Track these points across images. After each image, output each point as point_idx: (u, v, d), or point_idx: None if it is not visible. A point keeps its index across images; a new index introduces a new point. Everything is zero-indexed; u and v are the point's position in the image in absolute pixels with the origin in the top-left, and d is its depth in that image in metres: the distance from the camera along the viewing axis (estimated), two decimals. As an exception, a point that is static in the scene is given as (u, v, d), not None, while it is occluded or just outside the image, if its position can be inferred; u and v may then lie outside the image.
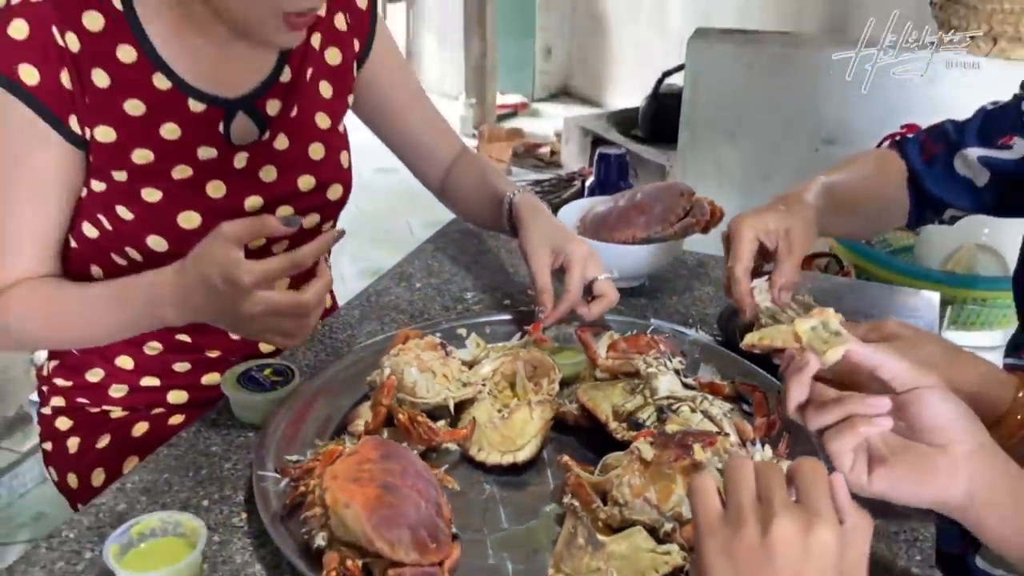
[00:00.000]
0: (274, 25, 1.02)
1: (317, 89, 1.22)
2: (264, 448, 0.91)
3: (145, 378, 1.21)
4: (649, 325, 1.13)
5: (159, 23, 1.06)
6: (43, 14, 0.99)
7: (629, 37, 4.91)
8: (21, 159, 1.03)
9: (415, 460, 0.85)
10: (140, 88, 1.06)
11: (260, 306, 0.89)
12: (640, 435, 0.89)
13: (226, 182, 1.11)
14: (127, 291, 1.02)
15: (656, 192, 1.33)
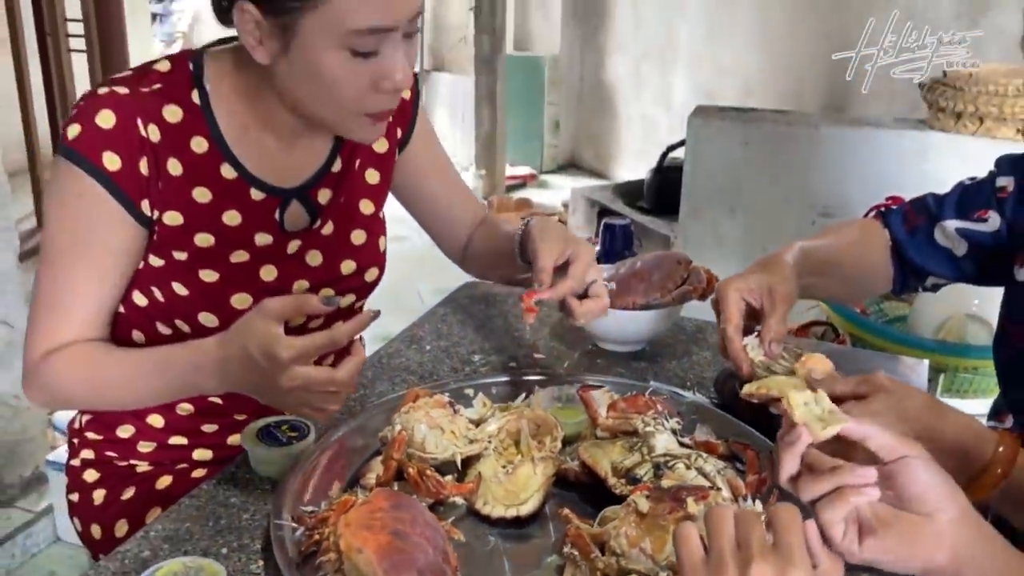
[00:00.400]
0: (357, 123, 1.07)
1: (364, 177, 1.24)
2: (281, 499, 0.92)
3: (174, 437, 1.22)
4: (648, 387, 1.14)
5: (230, 117, 1.10)
6: (129, 106, 1.04)
7: (635, 112, 4.99)
8: (91, 234, 1.06)
9: (424, 511, 0.87)
10: (208, 177, 1.10)
11: (296, 381, 0.90)
12: (637, 489, 0.91)
13: (278, 267, 1.14)
14: (168, 359, 1.04)
15: (655, 261, 1.36)
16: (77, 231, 1.06)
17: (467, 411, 1.08)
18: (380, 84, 1.02)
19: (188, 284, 1.11)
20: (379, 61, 1.01)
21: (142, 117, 1.04)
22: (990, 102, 2.37)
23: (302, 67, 1.01)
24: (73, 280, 1.07)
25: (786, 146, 2.69)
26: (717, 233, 2.74)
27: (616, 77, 5.07)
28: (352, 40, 0.98)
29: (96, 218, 1.05)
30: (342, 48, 0.98)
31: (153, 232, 1.08)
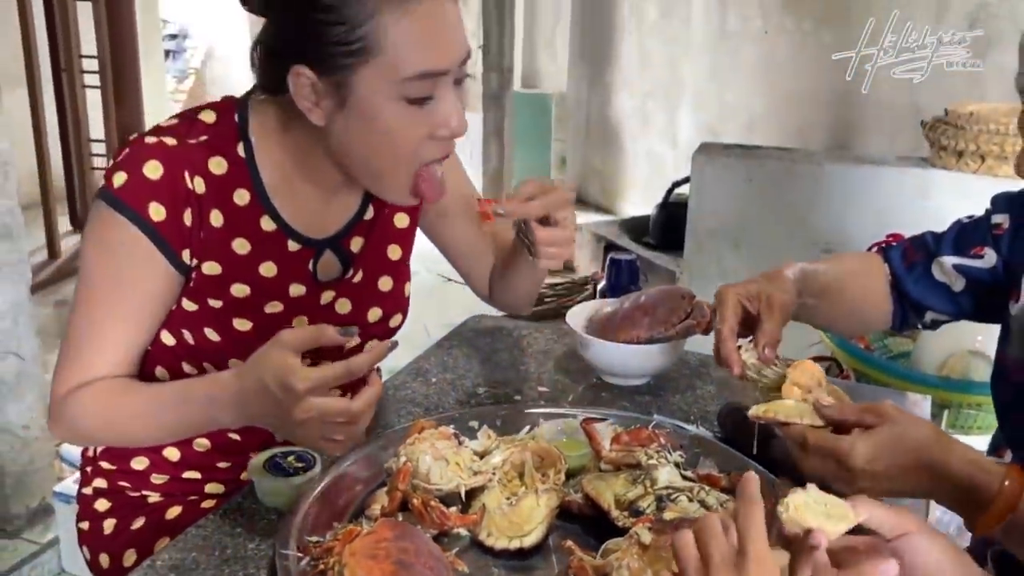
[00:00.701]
0: (404, 183, 1.07)
1: (393, 221, 1.25)
2: (287, 529, 0.92)
3: (188, 471, 1.22)
4: (652, 420, 1.14)
5: (273, 170, 1.11)
6: (176, 157, 1.05)
7: (640, 149, 5.02)
8: (129, 280, 1.07)
9: (428, 542, 0.88)
10: (248, 229, 1.11)
11: (311, 412, 0.90)
12: (639, 521, 0.92)
13: (310, 317, 1.15)
14: (186, 393, 1.05)
15: (659, 295, 1.36)
16: (116, 276, 1.07)
17: (472, 443, 1.08)
18: (437, 132, 1.03)
19: (221, 331, 1.12)
20: (434, 108, 1.02)
21: (189, 169, 1.05)
22: (991, 140, 2.38)
23: (359, 122, 1.02)
24: (106, 322, 1.08)
25: (789, 183, 2.71)
26: (721, 268, 2.75)
27: (622, 114, 5.10)
28: (406, 88, 0.99)
29: (136, 265, 1.06)
30: (397, 98, 1.00)
31: (190, 279, 1.09)
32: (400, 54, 0.97)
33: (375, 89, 0.99)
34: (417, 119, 1.02)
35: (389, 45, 0.97)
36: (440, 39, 1.01)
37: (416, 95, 1.00)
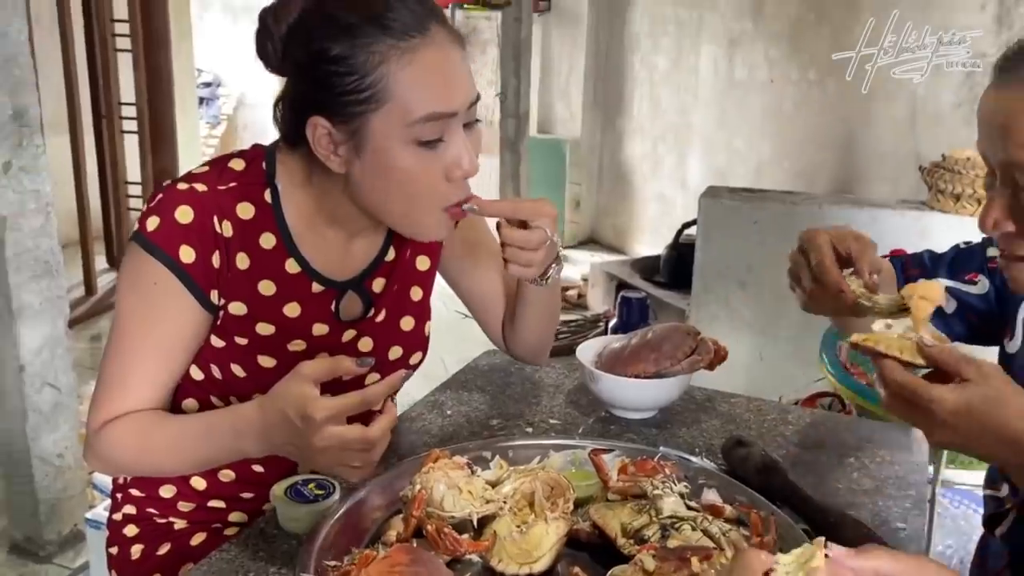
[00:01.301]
0: (434, 219, 1.07)
1: (415, 264, 1.25)
2: (307, 554, 0.93)
3: (213, 500, 1.21)
4: (657, 452, 1.13)
5: (298, 215, 1.12)
6: (206, 203, 1.06)
7: (651, 192, 5.04)
8: (160, 318, 1.08)
9: (441, 567, 0.88)
10: (273, 271, 1.11)
11: (330, 440, 0.90)
12: (644, 548, 0.91)
13: (332, 355, 1.11)
14: (212, 427, 1.06)
15: (665, 332, 1.37)
16: (148, 315, 1.08)
17: (484, 472, 1.08)
18: (451, 173, 1.03)
19: (246, 367, 1.12)
20: (445, 149, 1.02)
21: (217, 214, 1.06)
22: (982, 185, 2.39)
23: (375, 167, 1.03)
24: (138, 358, 1.09)
25: (792, 225, 2.65)
26: (729, 307, 2.76)
27: (634, 159, 5.13)
28: (417, 131, 1.00)
29: (167, 305, 1.07)
30: (409, 141, 1.00)
31: (218, 317, 1.10)
32: (408, 98, 0.98)
33: (388, 134, 1.00)
34: (430, 161, 1.02)
35: (397, 91, 0.98)
36: (445, 82, 1.02)
37: (427, 137, 1.01)
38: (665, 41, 4.73)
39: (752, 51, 4.33)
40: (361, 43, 0.98)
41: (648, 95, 4.93)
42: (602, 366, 1.34)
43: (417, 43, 0.99)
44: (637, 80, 4.95)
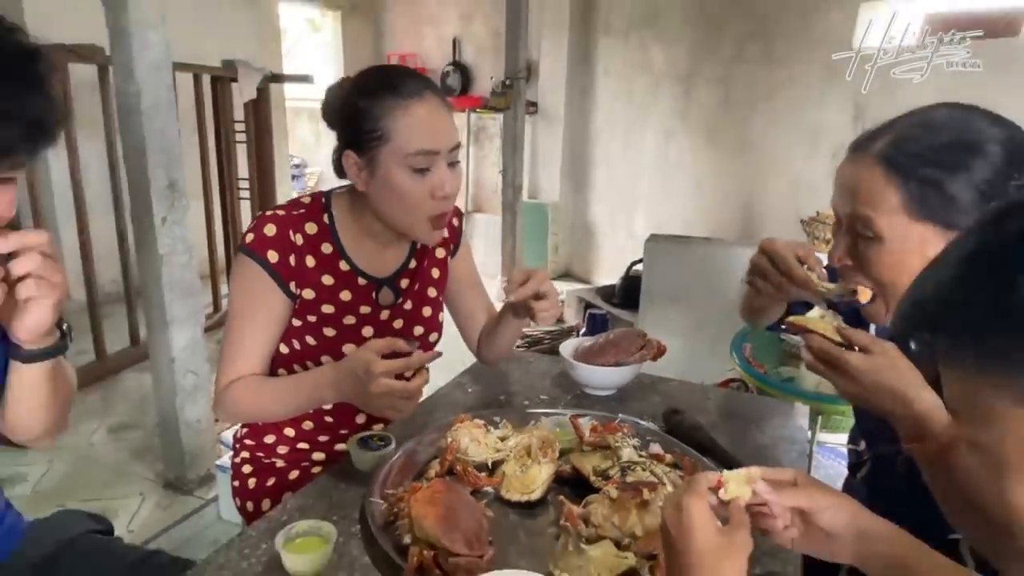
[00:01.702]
0: (423, 227, 1.08)
1: (430, 273, 1.25)
2: (372, 485, 0.94)
3: (300, 443, 1.22)
4: (617, 417, 1.14)
5: (346, 231, 1.14)
6: (284, 221, 1.09)
7: (609, 239, 5.03)
8: (259, 304, 1.09)
9: (466, 495, 0.89)
10: (332, 269, 1.12)
11: (382, 388, 0.92)
12: (609, 483, 0.92)
13: (374, 328, 1.16)
14: (300, 382, 1.07)
15: (622, 334, 1.37)
16: (250, 301, 1.09)
17: (496, 431, 1.09)
18: (435, 193, 1.05)
19: (316, 337, 1.13)
20: (431, 176, 1.04)
21: (292, 229, 1.09)
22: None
23: (382, 185, 1.05)
24: (247, 334, 1.10)
25: (711, 262, 2.71)
26: (666, 318, 2.75)
27: (596, 216, 5.11)
28: (410, 161, 1.02)
29: (262, 293, 1.08)
30: (405, 167, 1.03)
31: (296, 303, 1.11)
32: (404, 138, 1.01)
33: (391, 163, 1.03)
34: (419, 184, 1.04)
35: (397, 133, 1.01)
36: (430, 129, 1.03)
37: (418, 166, 1.03)
38: (618, 133, 4.76)
39: (681, 141, 4.36)
40: (377, 101, 1.02)
41: (606, 171, 4.95)
42: (578, 358, 1.34)
43: (414, 102, 1.02)
44: (598, 161, 4.97)
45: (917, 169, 0.80)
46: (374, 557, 0.84)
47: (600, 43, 4.69)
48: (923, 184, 0.80)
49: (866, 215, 0.83)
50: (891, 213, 0.81)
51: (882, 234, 0.82)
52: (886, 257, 0.83)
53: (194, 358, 2.13)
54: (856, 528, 0.68)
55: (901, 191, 0.81)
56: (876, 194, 0.82)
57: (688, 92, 4.25)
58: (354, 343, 1.13)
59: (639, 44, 4.46)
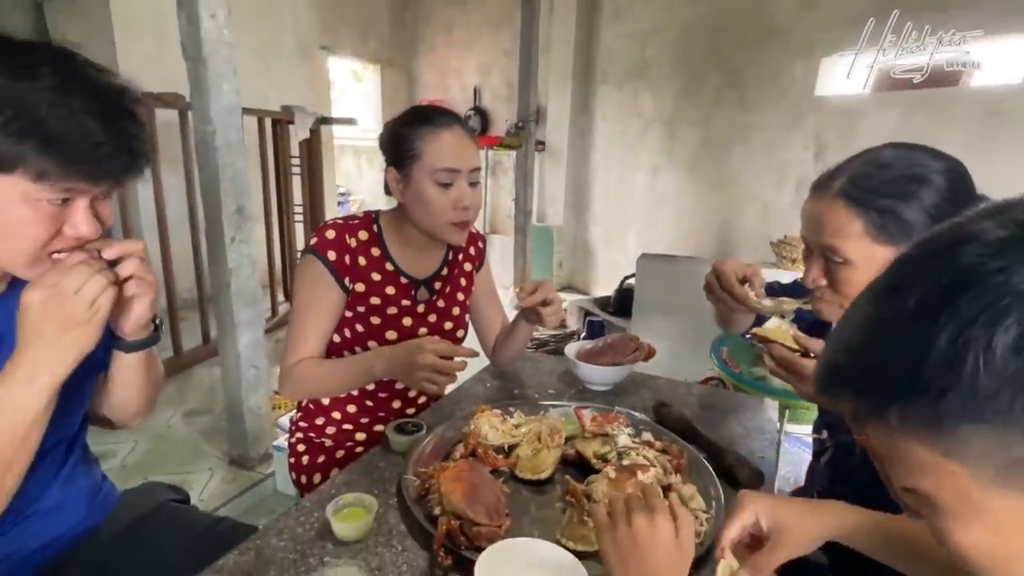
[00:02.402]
0: (448, 230, 1.10)
1: (459, 280, 1.26)
2: (407, 464, 0.94)
3: (346, 425, 1.22)
4: (614, 409, 1.13)
5: (391, 237, 1.16)
6: (342, 228, 1.12)
7: (604, 257, 5.01)
8: (320, 295, 1.10)
9: (487, 473, 0.89)
10: (379, 268, 1.14)
11: (426, 360, 0.94)
12: (608, 465, 0.92)
13: (412, 318, 1.17)
14: (353, 360, 1.09)
15: (618, 338, 1.37)
16: (313, 293, 1.10)
17: (511, 419, 1.09)
18: (457, 204, 1.07)
19: (364, 325, 1.14)
20: (454, 191, 1.07)
21: (348, 234, 1.11)
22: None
23: (414, 195, 1.08)
24: (309, 321, 1.11)
25: (692, 277, 2.63)
26: (655, 325, 2.74)
27: (594, 238, 5.09)
28: (436, 176, 1.05)
29: (323, 286, 1.10)
30: (432, 182, 1.06)
31: (349, 295, 1.12)
32: (431, 158, 1.04)
33: (421, 178, 1.06)
34: (444, 195, 1.06)
35: (427, 152, 1.05)
36: (454, 152, 1.06)
37: (442, 182, 1.05)
38: (613, 168, 4.75)
39: (667, 175, 4.36)
40: (413, 128, 1.06)
41: (603, 200, 4.94)
42: (580, 358, 1.34)
43: (443, 129, 1.05)
44: (596, 191, 4.96)
45: (875, 200, 0.80)
46: (409, 525, 0.84)
47: (598, 92, 4.70)
48: (881, 213, 0.79)
49: (833, 244, 0.83)
50: (856, 239, 0.81)
51: (850, 258, 0.82)
52: (855, 277, 0.82)
53: (256, 355, 2.13)
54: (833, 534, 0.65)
55: (862, 220, 0.80)
56: (841, 225, 0.81)
57: (673, 133, 4.25)
58: (395, 330, 1.15)
59: (631, 92, 4.47)
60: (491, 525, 0.77)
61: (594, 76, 4.71)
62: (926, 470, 0.37)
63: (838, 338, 0.41)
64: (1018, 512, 0.35)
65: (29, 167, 0.60)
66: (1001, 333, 0.32)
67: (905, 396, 0.36)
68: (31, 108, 0.58)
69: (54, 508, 0.82)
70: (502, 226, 5.54)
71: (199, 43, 1.79)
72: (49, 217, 0.63)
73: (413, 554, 0.79)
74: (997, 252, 0.34)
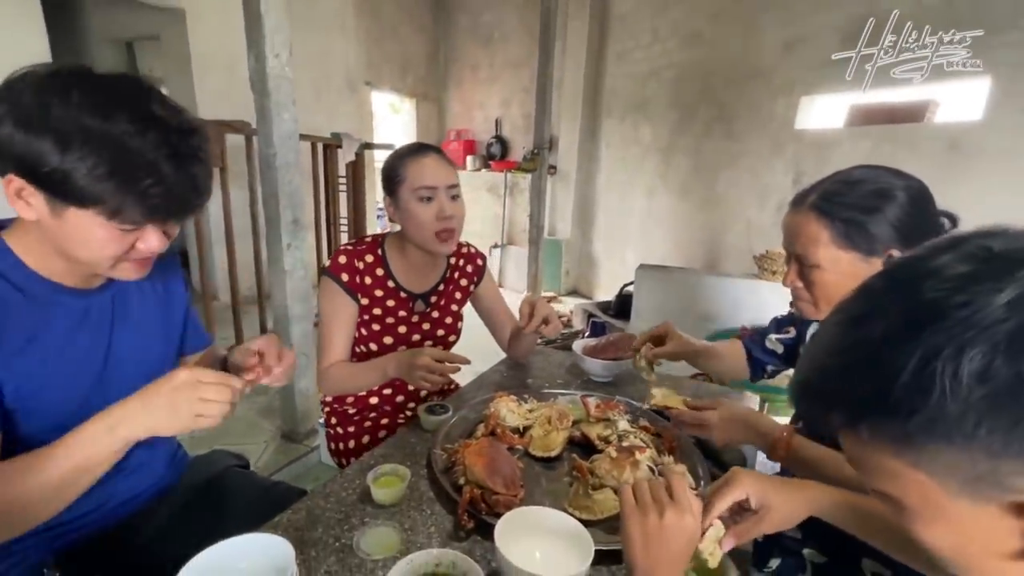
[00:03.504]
0: (433, 241, 1.09)
1: (454, 295, 1.25)
2: (436, 440, 0.95)
3: (371, 412, 1.22)
4: (615, 398, 1.13)
5: (394, 257, 1.17)
6: (351, 253, 1.13)
7: (607, 266, 4.98)
8: (340, 310, 1.12)
9: (504, 450, 0.89)
10: (382, 285, 1.15)
11: (424, 362, 0.95)
12: (610, 446, 0.92)
13: (406, 326, 1.18)
14: (373, 362, 1.09)
15: (620, 337, 1.36)
16: (334, 308, 1.12)
17: (525, 404, 1.09)
18: (439, 215, 1.08)
19: (367, 331, 1.15)
20: (435, 204, 1.08)
21: (356, 258, 1.13)
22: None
23: (404, 214, 1.09)
24: (334, 331, 1.12)
25: (684, 285, 2.68)
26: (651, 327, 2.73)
27: (597, 250, 5.06)
28: (419, 193, 1.06)
29: (340, 302, 1.11)
30: (416, 198, 1.07)
31: (359, 307, 1.14)
32: (413, 179, 1.06)
33: (406, 196, 1.07)
34: (427, 210, 1.07)
35: (409, 176, 1.06)
36: (431, 171, 1.06)
37: (424, 196, 1.07)
38: (615, 189, 4.74)
39: (662, 196, 4.33)
40: (401, 158, 1.07)
41: (605, 218, 4.93)
42: (586, 353, 1.33)
43: (421, 156, 1.07)
44: (599, 210, 4.95)
45: (841, 212, 0.80)
46: (436, 493, 0.85)
47: (603, 123, 4.71)
48: (846, 223, 0.80)
49: (806, 251, 0.83)
50: (824, 246, 0.81)
51: (819, 263, 0.82)
52: (825, 278, 0.83)
53: (305, 344, 2.15)
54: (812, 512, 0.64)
55: (829, 230, 0.81)
56: (813, 234, 0.82)
57: (668, 159, 4.23)
58: (392, 336, 1.16)
59: (632, 124, 4.47)
60: (508, 494, 0.78)
61: (600, 110, 4.72)
62: (895, 477, 0.37)
63: (811, 358, 0.40)
64: (979, 519, 0.35)
65: (106, 206, 0.58)
66: (967, 363, 0.32)
67: (874, 414, 0.35)
68: (111, 151, 0.56)
69: (138, 468, 0.84)
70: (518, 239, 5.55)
71: (265, 78, 1.83)
72: (122, 239, 0.62)
73: (440, 518, 0.79)
74: (958, 288, 0.33)
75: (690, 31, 3.95)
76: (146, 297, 0.80)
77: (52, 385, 0.66)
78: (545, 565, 0.66)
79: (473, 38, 5.60)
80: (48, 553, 0.75)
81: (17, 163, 0.57)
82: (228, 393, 0.60)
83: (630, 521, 0.57)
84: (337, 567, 0.70)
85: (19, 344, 0.64)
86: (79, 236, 0.61)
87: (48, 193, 0.58)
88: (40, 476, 0.58)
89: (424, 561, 0.63)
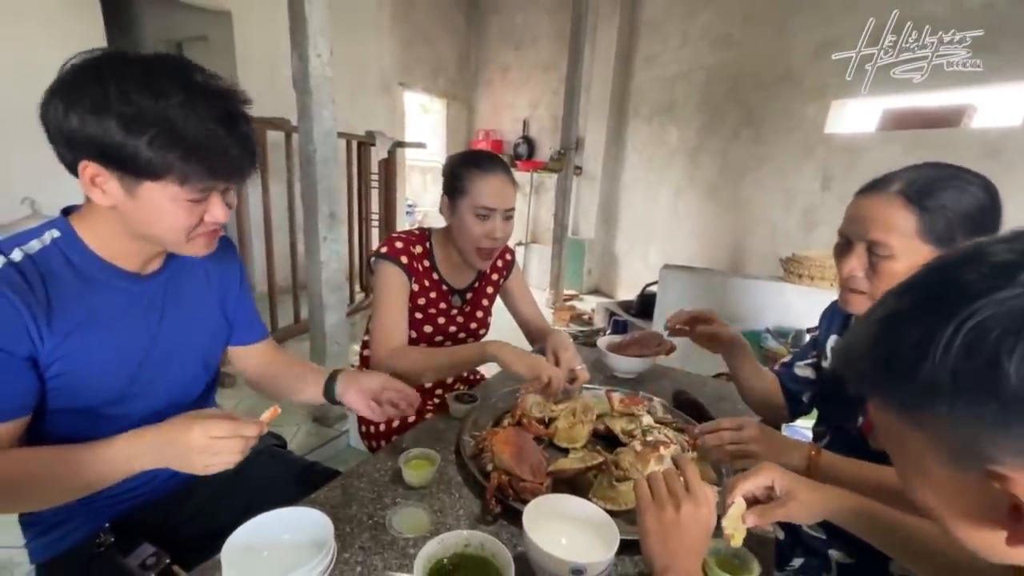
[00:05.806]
0: (475, 255, 1.11)
1: (486, 290, 1.27)
2: (464, 427, 0.96)
3: None
4: (638, 393, 1.12)
5: (439, 252, 1.18)
6: (406, 240, 1.14)
7: (629, 266, 4.93)
8: (398, 292, 1.10)
9: (530, 439, 0.90)
10: (428, 276, 1.16)
11: None
12: (633, 439, 0.92)
13: (446, 318, 1.19)
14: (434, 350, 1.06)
15: (643, 335, 1.35)
16: (392, 291, 1.11)
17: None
18: (489, 234, 1.09)
19: (413, 321, 1.16)
20: (489, 223, 1.08)
21: (410, 244, 1.14)
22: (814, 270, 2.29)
23: (458, 222, 1.10)
24: (393, 314, 1.10)
25: (709, 287, 2.64)
26: (671, 327, 2.70)
27: (621, 250, 5.02)
28: (477, 210, 1.07)
29: (397, 284, 1.11)
30: (473, 215, 1.07)
31: (411, 289, 1.15)
32: (475, 196, 1.06)
33: (465, 209, 1.08)
34: (480, 227, 1.08)
35: (472, 191, 1.06)
36: (494, 194, 1.07)
37: (480, 214, 1.07)
38: (640, 190, 4.69)
39: (688, 197, 4.26)
40: (467, 169, 1.07)
41: (629, 218, 4.87)
42: (611, 350, 1.33)
43: (488, 175, 1.06)
44: (623, 210, 4.90)
45: (927, 202, 0.75)
46: (464, 478, 0.86)
47: (630, 125, 4.66)
48: (933, 213, 0.75)
49: (883, 238, 0.76)
50: (906, 236, 0.75)
51: (894, 253, 0.76)
52: (894, 268, 0.76)
53: (338, 332, 2.18)
54: (828, 515, 0.63)
55: (916, 218, 0.74)
56: (895, 221, 0.75)
57: (694, 162, 4.16)
58: (431, 325, 1.17)
59: (659, 126, 4.40)
60: (534, 482, 0.78)
61: (627, 112, 4.66)
62: (902, 442, 0.38)
63: (858, 324, 0.41)
64: (954, 484, 0.36)
65: (176, 173, 0.61)
66: (961, 336, 0.32)
67: (909, 399, 0.36)
68: (170, 123, 0.59)
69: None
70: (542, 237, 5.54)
71: (307, 77, 1.87)
72: (192, 210, 0.65)
73: (468, 501, 0.80)
74: (992, 274, 0.33)
75: (720, 34, 3.86)
76: (198, 286, 0.81)
77: (95, 370, 0.67)
78: (571, 552, 0.65)
79: (505, 41, 5.60)
80: (104, 520, 0.79)
81: (90, 148, 0.60)
82: (239, 445, 0.62)
83: (647, 515, 0.57)
84: (371, 543, 0.71)
85: (73, 324, 0.65)
86: (154, 212, 0.64)
87: (121, 172, 0.61)
88: (52, 470, 0.62)
89: (455, 541, 0.64)
